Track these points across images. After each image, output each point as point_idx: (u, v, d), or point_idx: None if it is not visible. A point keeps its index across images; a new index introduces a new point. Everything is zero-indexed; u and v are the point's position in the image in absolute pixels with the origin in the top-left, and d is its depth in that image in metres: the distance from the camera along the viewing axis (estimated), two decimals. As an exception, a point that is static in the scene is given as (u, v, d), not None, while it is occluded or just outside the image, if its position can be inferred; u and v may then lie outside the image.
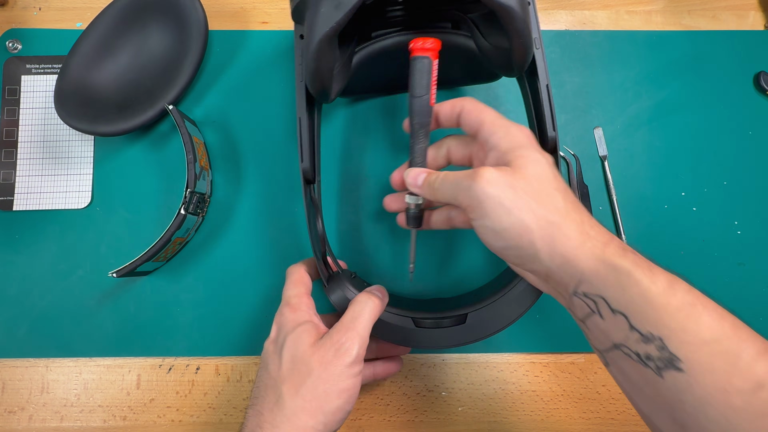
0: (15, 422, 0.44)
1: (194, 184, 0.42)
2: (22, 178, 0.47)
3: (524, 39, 0.32)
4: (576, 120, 0.49)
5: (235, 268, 0.46)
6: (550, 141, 0.35)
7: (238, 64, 0.50)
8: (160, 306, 0.45)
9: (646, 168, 0.48)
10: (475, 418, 0.44)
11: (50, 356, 0.45)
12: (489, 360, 0.45)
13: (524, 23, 0.31)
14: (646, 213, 0.47)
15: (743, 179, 0.48)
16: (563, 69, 0.50)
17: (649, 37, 0.51)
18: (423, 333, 0.36)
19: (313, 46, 0.31)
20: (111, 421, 0.44)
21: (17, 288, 0.46)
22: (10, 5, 0.51)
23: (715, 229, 0.47)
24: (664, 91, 0.50)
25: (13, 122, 0.48)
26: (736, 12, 0.52)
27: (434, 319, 0.37)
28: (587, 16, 0.52)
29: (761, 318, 0.46)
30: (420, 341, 0.36)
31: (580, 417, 0.44)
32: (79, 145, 0.48)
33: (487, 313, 0.36)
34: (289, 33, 0.51)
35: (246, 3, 0.52)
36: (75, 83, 0.46)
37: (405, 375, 0.45)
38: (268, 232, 0.47)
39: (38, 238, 0.46)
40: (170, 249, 0.44)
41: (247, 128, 0.49)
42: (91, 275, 0.46)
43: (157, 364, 0.45)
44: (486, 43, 0.37)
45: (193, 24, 0.47)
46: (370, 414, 0.44)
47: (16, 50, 0.50)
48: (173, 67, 0.47)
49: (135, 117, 0.45)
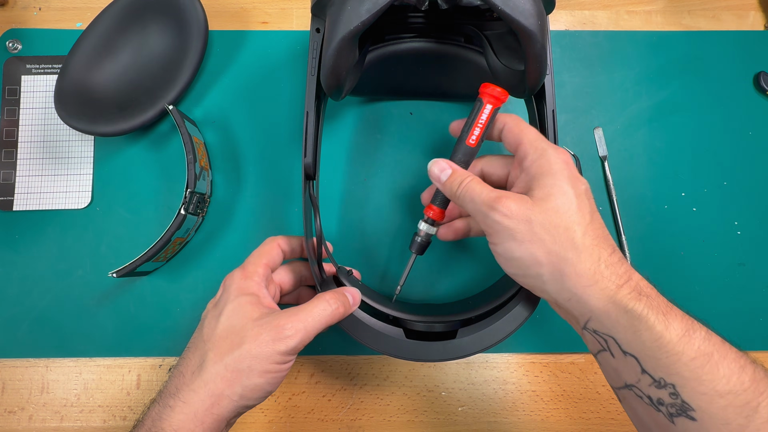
0: (15, 422, 0.44)
1: (194, 184, 0.42)
2: (22, 178, 0.47)
3: (540, 64, 0.32)
4: (576, 120, 0.49)
5: (235, 268, 0.46)
6: None
7: (238, 64, 0.50)
8: (160, 306, 0.45)
9: (646, 168, 0.48)
10: (475, 418, 0.44)
11: (50, 356, 0.45)
12: (489, 360, 0.45)
13: (543, 48, 0.31)
14: (646, 213, 0.47)
15: (743, 179, 0.48)
16: (563, 69, 0.50)
17: (649, 37, 0.51)
18: (411, 345, 0.36)
19: (335, 42, 0.31)
20: (111, 421, 0.44)
21: (17, 288, 0.46)
22: (10, 5, 0.51)
23: (715, 229, 0.47)
24: (664, 91, 0.50)
25: (13, 122, 0.48)
26: (736, 12, 0.52)
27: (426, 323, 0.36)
28: (587, 16, 0.52)
29: (761, 318, 0.46)
30: (407, 352, 0.36)
31: (580, 417, 0.44)
32: (79, 145, 0.48)
33: (478, 328, 0.35)
34: (289, 33, 0.51)
35: (246, 3, 0.52)
36: (75, 83, 0.46)
37: (405, 375, 0.45)
38: (268, 232, 0.46)
39: (38, 238, 0.46)
40: (170, 249, 0.44)
41: (247, 128, 0.49)
42: (91, 275, 0.46)
43: (157, 364, 0.45)
44: (497, 62, 0.38)
45: (193, 24, 0.47)
46: (370, 414, 0.44)
47: (16, 50, 0.50)
48: (173, 67, 0.47)
49: (135, 117, 0.45)
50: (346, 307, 0.34)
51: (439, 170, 0.34)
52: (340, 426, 0.44)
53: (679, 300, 0.45)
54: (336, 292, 0.35)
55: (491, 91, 0.33)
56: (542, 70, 0.33)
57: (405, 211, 0.47)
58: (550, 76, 0.36)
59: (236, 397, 0.31)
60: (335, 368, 0.45)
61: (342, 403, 0.44)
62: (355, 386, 0.45)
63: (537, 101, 0.37)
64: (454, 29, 0.40)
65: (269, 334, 0.31)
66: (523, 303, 0.36)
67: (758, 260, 0.47)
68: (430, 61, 0.41)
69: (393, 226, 0.47)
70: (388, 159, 0.48)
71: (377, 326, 0.36)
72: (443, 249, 0.46)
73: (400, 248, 0.46)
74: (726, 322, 0.45)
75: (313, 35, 0.36)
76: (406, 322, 0.36)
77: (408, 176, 0.48)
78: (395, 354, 0.35)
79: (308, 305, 0.33)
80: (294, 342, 0.31)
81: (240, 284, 0.35)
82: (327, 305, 0.33)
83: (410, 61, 0.40)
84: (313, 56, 0.36)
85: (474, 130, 0.34)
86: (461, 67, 0.41)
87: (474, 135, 0.34)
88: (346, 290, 0.36)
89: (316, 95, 0.36)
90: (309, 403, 0.44)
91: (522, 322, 0.35)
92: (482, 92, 0.34)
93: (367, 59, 0.40)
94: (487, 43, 0.39)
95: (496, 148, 0.48)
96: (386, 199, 0.47)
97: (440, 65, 0.42)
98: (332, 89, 0.35)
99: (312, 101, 0.36)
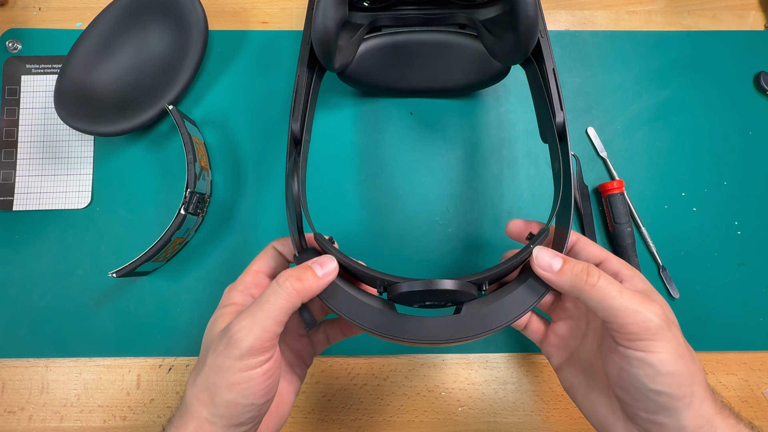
0: (15, 422, 0.44)
1: (194, 184, 0.42)
2: (22, 178, 0.47)
3: (530, 9, 0.32)
4: (576, 120, 0.49)
5: (235, 268, 0.46)
6: (558, 123, 0.35)
7: (238, 64, 0.50)
8: (160, 306, 0.45)
9: (646, 168, 0.48)
10: (475, 418, 0.44)
11: (50, 356, 0.45)
12: (489, 360, 0.45)
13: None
14: (646, 213, 0.47)
15: (743, 179, 0.48)
16: (563, 69, 0.50)
17: (649, 37, 0.51)
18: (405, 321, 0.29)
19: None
20: (111, 421, 0.44)
21: (17, 288, 0.46)
22: (10, 5, 0.51)
23: (715, 229, 0.47)
24: (664, 91, 0.50)
25: (13, 122, 0.48)
26: (736, 12, 0.52)
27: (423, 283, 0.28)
28: (587, 16, 0.52)
29: (761, 318, 0.46)
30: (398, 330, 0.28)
31: (580, 417, 0.44)
32: (79, 145, 0.48)
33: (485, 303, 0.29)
34: (289, 33, 0.51)
35: (246, 3, 0.52)
36: (75, 83, 0.46)
37: (405, 375, 0.45)
38: (268, 232, 0.46)
39: (38, 238, 0.46)
40: (170, 249, 0.44)
41: (247, 128, 0.49)
42: (91, 275, 0.46)
43: (157, 364, 0.45)
44: (492, 38, 0.39)
45: (193, 24, 0.47)
46: (370, 414, 0.44)
47: (16, 50, 0.50)
48: (173, 67, 0.47)
49: (135, 117, 0.45)
50: (309, 282, 0.28)
51: (546, 262, 0.30)
52: (340, 426, 0.44)
53: (680, 300, 0.45)
54: (296, 268, 0.29)
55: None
56: (533, 19, 0.33)
57: (405, 211, 0.47)
58: (546, 39, 0.36)
59: (217, 419, 0.27)
60: (335, 368, 0.45)
61: (342, 403, 0.44)
62: (355, 386, 0.45)
63: (537, 64, 0.37)
64: (447, 19, 0.41)
65: (223, 341, 0.27)
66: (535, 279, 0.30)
67: (758, 260, 0.47)
68: (425, 51, 0.42)
69: (393, 226, 0.47)
70: (388, 159, 0.48)
71: (360, 296, 0.30)
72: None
73: (400, 248, 0.46)
74: (726, 322, 0.45)
75: (309, 11, 0.38)
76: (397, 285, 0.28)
77: (408, 176, 0.48)
78: (381, 331, 0.29)
79: (261, 295, 0.28)
80: (247, 343, 0.26)
81: (225, 297, 0.32)
82: (276, 287, 0.28)
83: (406, 52, 0.42)
84: (308, 26, 0.37)
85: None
86: (456, 53, 0.42)
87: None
88: (313, 261, 0.29)
89: (309, 63, 0.37)
90: (309, 403, 0.44)
91: (543, 294, 0.30)
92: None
93: (364, 49, 0.41)
94: (482, 26, 0.40)
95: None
96: (386, 199, 0.47)
97: (436, 54, 0.42)
98: (323, 48, 0.35)
99: (304, 64, 0.37)
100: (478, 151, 0.48)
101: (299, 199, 0.34)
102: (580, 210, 0.47)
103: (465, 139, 0.48)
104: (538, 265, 0.29)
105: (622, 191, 0.46)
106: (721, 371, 0.45)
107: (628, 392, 0.29)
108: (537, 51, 0.36)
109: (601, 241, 0.47)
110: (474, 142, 0.48)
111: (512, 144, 0.48)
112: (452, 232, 0.47)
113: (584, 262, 0.29)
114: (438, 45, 0.42)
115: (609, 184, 0.46)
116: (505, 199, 0.47)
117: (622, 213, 0.45)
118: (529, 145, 0.48)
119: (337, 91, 0.49)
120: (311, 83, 0.38)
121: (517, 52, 0.36)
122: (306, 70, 0.37)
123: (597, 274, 0.28)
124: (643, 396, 0.28)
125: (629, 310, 0.27)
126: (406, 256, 0.46)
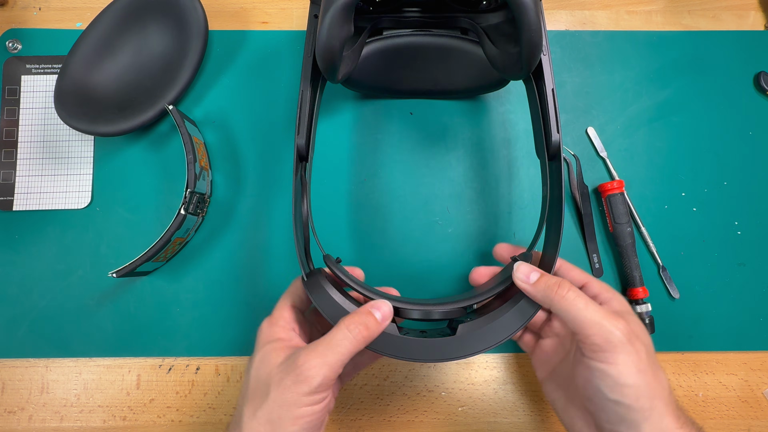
0: (15, 422, 0.44)
1: (194, 184, 0.42)
2: (22, 178, 0.47)
3: (534, 34, 0.32)
4: (576, 120, 0.49)
5: (235, 268, 0.46)
6: (553, 143, 0.35)
7: (238, 64, 0.50)
8: (160, 306, 0.45)
9: (646, 168, 0.48)
10: (475, 418, 0.44)
11: (50, 356, 0.45)
12: (489, 360, 0.45)
13: (536, 15, 0.31)
14: (646, 213, 0.47)
15: (743, 179, 0.48)
16: (563, 69, 0.50)
17: (649, 37, 0.51)
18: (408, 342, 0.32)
19: (330, 12, 0.31)
20: (111, 422, 0.44)
21: (17, 288, 0.46)
22: (10, 5, 0.51)
23: (715, 229, 0.47)
24: (664, 92, 0.50)
25: (13, 122, 0.48)
26: (736, 12, 0.52)
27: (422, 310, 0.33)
28: (587, 16, 0.52)
29: (761, 318, 0.46)
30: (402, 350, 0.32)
31: (580, 417, 0.44)
32: (79, 145, 0.48)
33: (479, 324, 0.32)
34: (289, 33, 0.51)
35: (246, 3, 0.52)
36: (75, 83, 0.46)
37: (405, 375, 0.45)
38: (268, 232, 0.47)
39: (38, 238, 0.46)
40: (170, 249, 0.44)
41: (247, 128, 0.49)
42: (91, 275, 0.46)
43: (156, 364, 0.45)
44: (494, 49, 0.38)
45: (193, 24, 0.47)
46: (370, 414, 0.44)
47: (16, 50, 0.50)
48: (173, 67, 0.47)
49: (135, 117, 0.45)
50: (371, 328, 0.31)
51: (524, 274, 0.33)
52: (340, 426, 0.44)
53: (680, 300, 0.45)
54: (358, 313, 0.31)
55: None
56: (537, 40, 0.33)
57: (405, 212, 0.47)
58: (548, 57, 0.36)
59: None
60: (335, 368, 0.45)
61: (342, 403, 0.44)
62: (355, 386, 0.45)
63: (536, 82, 0.37)
64: (449, 23, 0.41)
65: (290, 377, 0.29)
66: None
67: (758, 260, 0.47)
68: (427, 54, 0.42)
69: (393, 226, 0.47)
70: (388, 159, 0.48)
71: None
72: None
73: (400, 249, 0.46)
74: (726, 322, 0.45)
75: (310, 21, 0.37)
76: (399, 311, 0.33)
77: (408, 176, 0.48)
78: (386, 351, 0.32)
79: (328, 336, 0.30)
80: (317, 381, 0.29)
81: (266, 332, 0.33)
82: (347, 332, 0.30)
83: (408, 55, 0.41)
84: (310, 40, 0.37)
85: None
86: (458, 58, 0.42)
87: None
88: (372, 306, 0.32)
89: (312, 76, 0.37)
90: (309, 403, 0.44)
91: (531, 315, 0.33)
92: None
93: (366, 53, 0.41)
94: (483, 33, 0.40)
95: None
96: (386, 199, 0.47)
97: (437, 58, 0.42)
98: (327, 65, 0.35)
99: (308, 80, 0.36)
100: (478, 151, 0.48)
101: (308, 222, 0.35)
102: (580, 210, 0.47)
103: (465, 139, 0.48)
104: (517, 276, 0.33)
105: (622, 191, 0.46)
106: (721, 371, 0.45)
107: (593, 402, 0.31)
108: (538, 70, 0.36)
109: (601, 241, 0.47)
110: (474, 142, 0.48)
111: (512, 144, 0.48)
112: (452, 232, 0.47)
113: (559, 277, 0.32)
114: (439, 49, 0.41)
115: (609, 184, 0.46)
116: (505, 199, 0.47)
117: (622, 213, 0.45)
118: (529, 145, 0.48)
119: (337, 92, 0.49)
120: (315, 99, 0.38)
121: (518, 70, 0.36)
122: (309, 85, 0.36)
123: (567, 287, 0.31)
124: (605, 405, 0.30)
125: (593, 323, 0.29)
126: (406, 257, 0.46)
